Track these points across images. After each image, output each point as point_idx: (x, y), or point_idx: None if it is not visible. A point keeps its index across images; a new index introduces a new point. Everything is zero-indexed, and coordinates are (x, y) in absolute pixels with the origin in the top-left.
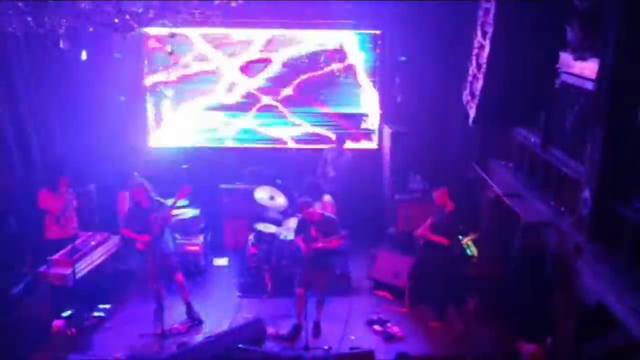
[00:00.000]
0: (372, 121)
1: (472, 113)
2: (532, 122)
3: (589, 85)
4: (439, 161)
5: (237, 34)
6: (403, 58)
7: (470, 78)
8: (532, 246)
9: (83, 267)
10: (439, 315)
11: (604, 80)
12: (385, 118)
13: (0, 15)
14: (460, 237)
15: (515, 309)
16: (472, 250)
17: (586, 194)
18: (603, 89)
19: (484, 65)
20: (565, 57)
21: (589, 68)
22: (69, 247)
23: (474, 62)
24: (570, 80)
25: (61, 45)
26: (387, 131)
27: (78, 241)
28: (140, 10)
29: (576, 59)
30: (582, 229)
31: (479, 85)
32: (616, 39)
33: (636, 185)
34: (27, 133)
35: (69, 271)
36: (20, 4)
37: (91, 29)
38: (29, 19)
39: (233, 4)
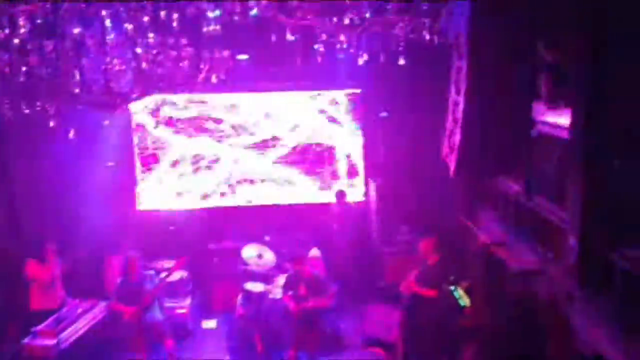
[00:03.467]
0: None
1: (452, 166)
2: (512, 171)
3: (565, 134)
4: (425, 211)
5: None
6: (384, 114)
7: (447, 132)
8: (522, 295)
9: (68, 337)
10: None
11: (577, 129)
12: (369, 171)
13: None
14: (452, 287)
15: (510, 359)
16: (465, 301)
17: (572, 240)
18: (577, 137)
19: (460, 120)
20: (540, 107)
21: (562, 117)
22: (54, 316)
23: (450, 117)
24: (546, 129)
25: (51, 124)
26: (372, 184)
27: (64, 310)
28: (126, 90)
29: (549, 109)
30: (571, 276)
31: (456, 139)
32: (584, 89)
33: (620, 230)
34: (15, 202)
35: (53, 342)
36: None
37: (80, 107)
38: (22, 104)
39: (214, 79)
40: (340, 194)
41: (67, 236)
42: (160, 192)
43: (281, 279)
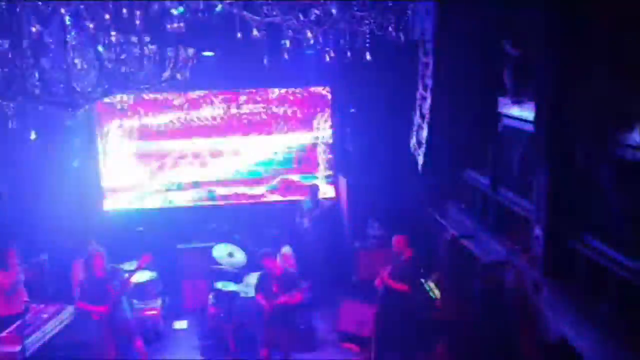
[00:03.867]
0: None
1: (420, 160)
2: (480, 165)
3: (529, 127)
4: (395, 206)
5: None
6: (352, 110)
7: (415, 128)
8: (491, 286)
9: (34, 343)
10: None
11: (541, 123)
12: (339, 167)
13: None
14: (423, 280)
15: (481, 349)
16: (435, 293)
17: (537, 231)
18: (541, 130)
19: (428, 116)
20: (505, 102)
21: (527, 111)
22: (18, 322)
23: (417, 113)
24: (512, 123)
25: (10, 125)
26: (342, 180)
27: (28, 315)
28: (89, 89)
29: (514, 103)
30: (537, 266)
31: (424, 134)
32: (548, 83)
33: (584, 221)
34: None
35: (17, 348)
36: None
37: (41, 108)
38: None
39: (179, 76)
40: (312, 190)
41: (30, 240)
42: (126, 192)
43: (252, 278)
